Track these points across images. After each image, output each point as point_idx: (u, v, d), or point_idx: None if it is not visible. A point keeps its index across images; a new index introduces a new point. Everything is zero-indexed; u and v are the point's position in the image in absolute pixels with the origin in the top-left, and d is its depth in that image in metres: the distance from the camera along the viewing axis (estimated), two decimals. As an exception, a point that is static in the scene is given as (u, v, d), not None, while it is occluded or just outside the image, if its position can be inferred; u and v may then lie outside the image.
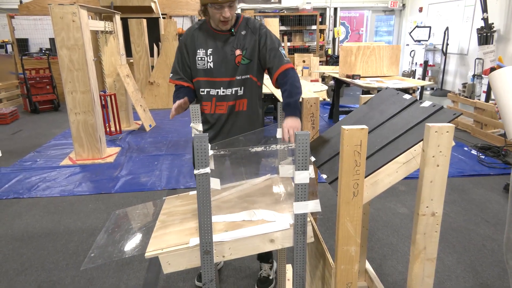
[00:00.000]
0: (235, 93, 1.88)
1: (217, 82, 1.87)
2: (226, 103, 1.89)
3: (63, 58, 4.01)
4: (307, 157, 1.26)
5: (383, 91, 1.82)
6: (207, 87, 1.89)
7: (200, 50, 1.87)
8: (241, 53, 1.83)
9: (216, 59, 1.85)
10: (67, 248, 2.62)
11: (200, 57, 1.87)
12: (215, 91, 1.89)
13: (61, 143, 5.15)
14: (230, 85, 1.87)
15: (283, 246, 1.41)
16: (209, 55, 1.86)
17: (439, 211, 1.31)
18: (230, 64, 1.85)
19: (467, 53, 8.22)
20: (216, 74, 1.86)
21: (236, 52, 1.84)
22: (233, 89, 1.88)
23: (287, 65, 1.83)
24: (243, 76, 1.87)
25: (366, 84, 4.62)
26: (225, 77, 1.86)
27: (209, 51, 1.86)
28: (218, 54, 1.85)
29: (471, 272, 2.34)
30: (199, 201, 1.29)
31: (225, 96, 1.89)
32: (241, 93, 1.89)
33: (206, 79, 1.88)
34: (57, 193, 3.51)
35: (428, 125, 1.22)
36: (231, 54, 1.84)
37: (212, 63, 1.86)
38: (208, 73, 1.87)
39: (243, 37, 1.85)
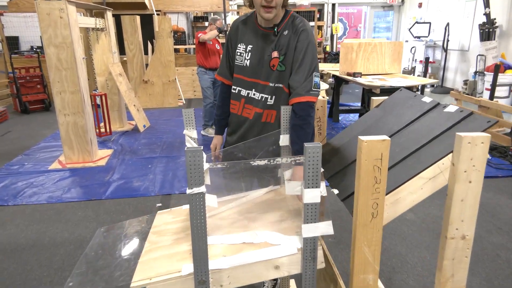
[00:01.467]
0: (264, 100, 1.69)
1: (250, 83, 1.71)
2: (253, 108, 1.71)
3: (50, 57, 3.80)
4: (318, 173, 1.08)
5: (397, 92, 1.64)
6: (239, 86, 1.74)
7: (241, 45, 1.70)
8: (278, 57, 1.63)
9: (254, 57, 1.67)
10: (51, 263, 2.43)
11: (240, 53, 1.71)
12: (246, 92, 1.72)
13: (51, 145, 4.94)
14: (262, 89, 1.68)
15: (289, 273, 1.23)
16: (248, 52, 1.68)
17: (470, 234, 1.14)
18: (265, 66, 1.66)
19: (468, 49, 8.07)
20: (250, 74, 1.70)
21: (273, 54, 1.64)
22: (263, 95, 1.68)
23: (310, 97, 1.56)
24: (276, 84, 1.66)
25: (368, 83, 4.45)
26: (259, 79, 1.68)
27: (249, 48, 1.68)
28: (257, 52, 1.67)
29: (487, 285, 2.18)
30: (193, 225, 1.11)
31: (253, 99, 1.71)
32: (271, 102, 1.69)
33: (240, 76, 1.73)
34: (44, 200, 3.31)
35: (460, 135, 1.04)
36: (268, 55, 1.65)
37: (249, 61, 1.69)
38: (244, 70, 1.71)
39: (284, 38, 1.63)
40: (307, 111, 1.55)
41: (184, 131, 1.59)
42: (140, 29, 7.08)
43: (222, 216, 1.49)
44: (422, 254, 2.48)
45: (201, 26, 9.79)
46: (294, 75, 1.60)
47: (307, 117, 1.55)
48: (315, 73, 1.59)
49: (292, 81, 1.61)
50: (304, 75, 1.57)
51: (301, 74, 1.58)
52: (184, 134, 1.58)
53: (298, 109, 1.56)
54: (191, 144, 1.55)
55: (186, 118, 1.58)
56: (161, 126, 5.87)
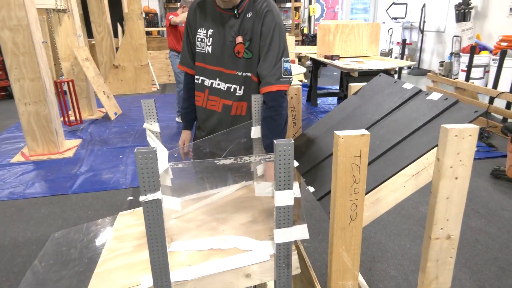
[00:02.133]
0: (233, 91, 1.53)
1: (214, 71, 1.54)
2: (220, 100, 1.55)
3: (5, 41, 3.49)
4: (291, 173, 0.96)
5: (376, 78, 1.53)
6: (202, 75, 1.57)
7: (201, 30, 1.53)
8: (243, 42, 1.47)
9: (216, 43, 1.50)
10: (12, 266, 2.25)
11: (200, 38, 1.53)
12: (209, 82, 1.56)
13: (13, 136, 4.64)
14: (228, 79, 1.52)
15: (262, 281, 1.12)
16: (209, 37, 1.51)
17: (456, 233, 1.05)
18: (227, 53, 1.49)
19: (444, 30, 8.07)
20: (212, 61, 1.53)
21: (237, 40, 1.47)
22: (230, 86, 1.52)
23: (281, 86, 1.42)
24: (244, 73, 1.50)
25: (346, 66, 4.34)
26: (222, 67, 1.52)
27: (210, 32, 1.51)
28: (219, 37, 1.49)
29: (467, 272, 2.15)
30: (149, 236, 0.97)
31: (219, 90, 1.55)
32: (240, 93, 1.53)
33: (202, 65, 1.56)
34: (5, 197, 3.08)
35: (446, 127, 0.94)
36: (231, 40, 1.48)
37: (210, 47, 1.51)
38: (206, 58, 1.54)
39: (248, 21, 1.45)
40: (278, 101, 1.41)
41: (145, 124, 1.43)
42: (108, 10, 6.70)
43: (189, 217, 1.36)
44: (403, 242, 2.43)
45: (174, 7, 9.41)
46: (262, 62, 1.45)
47: (278, 108, 1.41)
48: (284, 58, 1.43)
49: (260, 69, 1.46)
50: (272, 61, 1.42)
51: (269, 61, 1.43)
52: (145, 127, 1.42)
53: (268, 99, 1.41)
54: (152, 139, 1.39)
55: (146, 110, 1.41)
56: (134, 113, 5.62)
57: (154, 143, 1.42)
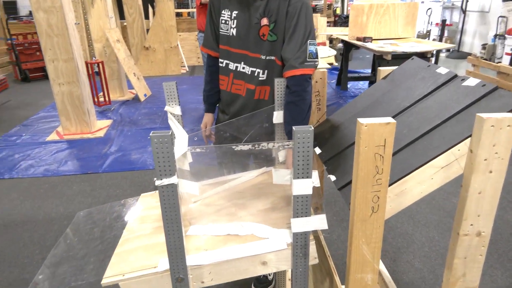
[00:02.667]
0: (256, 75, 1.49)
1: (239, 55, 1.50)
2: (245, 84, 1.53)
3: (40, 23, 3.59)
4: (310, 161, 0.92)
5: (408, 62, 1.44)
6: (226, 58, 1.54)
7: (225, 11, 1.49)
8: (268, 24, 1.42)
9: (241, 25, 1.46)
10: (44, 239, 2.37)
11: (224, 20, 1.50)
12: (234, 65, 1.53)
13: (50, 115, 4.83)
14: (253, 63, 1.48)
15: (278, 270, 1.11)
16: (233, 19, 1.47)
17: (487, 230, 0.98)
18: (253, 36, 1.45)
19: (489, 10, 7.54)
20: (238, 45, 1.49)
21: (262, 22, 1.42)
22: (255, 69, 1.48)
23: (305, 69, 1.36)
24: (268, 57, 1.45)
25: (379, 48, 4.16)
26: (247, 50, 1.48)
27: (234, 14, 1.46)
28: (243, 19, 1.45)
29: (499, 268, 2.05)
30: (165, 220, 0.97)
31: (244, 74, 1.52)
32: (263, 77, 1.49)
33: (226, 48, 1.53)
34: (40, 173, 3.23)
35: (481, 116, 0.86)
36: (256, 22, 1.43)
37: (235, 29, 1.47)
38: (230, 41, 1.50)
39: (273, 2, 1.39)
40: (302, 85, 1.35)
41: (166, 107, 1.42)
42: (139, -9, 6.74)
43: (208, 202, 1.36)
44: (431, 234, 2.34)
45: (205, -12, 9.32)
46: (286, 44, 1.39)
47: (302, 93, 1.35)
48: (310, 41, 1.37)
49: (284, 52, 1.40)
50: (297, 44, 1.36)
51: (294, 43, 1.37)
52: (166, 110, 1.41)
53: (292, 83, 1.36)
54: (173, 122, 1.39)
55: (167, 92, 1.40)
56: (163, 95, 5.63)
57: (175, 126, 1.41)
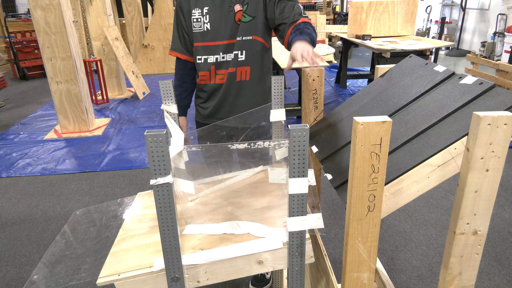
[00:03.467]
0: (235, 57, 1.56)
1: (216, 46, 1.56)
2: (226, 71, 1.58)
3: (38, 20, 3.58)
4: (306, 160, 0.92)
5: (406, 60, 1.43)
6: (204, 54, 1.58)
7: (195, 10, 1.54)
8: (242, 9, 1.52)
9: (214, 18, 1.53)
10: (42, 238, 2.36)
11: (196, 18, 1.55)
12: (214, 58, 1.57)
13: (48, 113, 4.82)
14: (230, 48, 1.55)
15: (274, 269, 1.10)
16: (205, 15, 1.53)
17: (483, 229, 0.98)
18: (229, 23, 1.52)
19: (489, 8, 7.53)
20: (214, 37, 1.54)
21: (236, 8, 1.51)
22: (233, 53, 1.55)
23: (304, 18, 1.46)
24: (244, 38, 1.54)
25: (378, 46, 4.15)
26: (224, 39, 1.54)
27: (205, 10, 1.53)
28: (216, 12, 1.52)
29: (496, 266, 2.05)
30: (160, 220, 0.96)
31: (224, 62, 1.57)
32: (242, 58, 1.56)
33: (202, 44, 1.57)
34: (38, 172, 3.22)
35: (478, 114, 0.85)
36: (230, 10, 1.51)
37: (208, 23, 1.53)
38: (205, 36, 1.55)
39: None
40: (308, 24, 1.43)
41: (162, 105, 1.41)
42: (138, -11, 6.72)
43: (205, 200, 1.35)
44: (429, 232, 2.34)
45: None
46: (278, 12, 1.48)
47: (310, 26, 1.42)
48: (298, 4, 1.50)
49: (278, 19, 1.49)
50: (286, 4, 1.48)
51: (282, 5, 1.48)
52: (162, 109, 1.41)
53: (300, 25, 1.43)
54: (169, 121, 1.38)
55: (163, 91, 1.40)
56: (162, 93, 5.67)
57: (171, 125, 1.41)
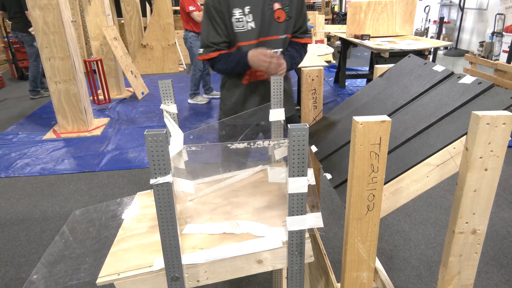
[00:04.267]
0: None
1: (257, 45, 1.61)
2: None
3: (36, 20, 3.57)
4: (305, 159, 0.92)
5: (405, 59, 1.43)
6: None
7: (235, 10, 1.56)
8: (281, 7, 1.61)
9: (257, 16, 1.57)
10: (41, 239, 2.36)
11: (237, 18, 1.57)
12: None
13: (46, 113, 4.81)
14: (272, 45, 1.63)
15: (274, 268, 1.10)
16: (247, 14, 1.56)
17: (482, 228, 0.98)
18: (269, 20, 1.59)
19: (487, 8, 7.55)
20: (257, 35, 1.60)
21: (274, 6, 1.58)
22: (276, 51, 1.64)
23: (307, 39, 1.72)
24: (283, 36, 1.66)
25: (377, 46, 4.15)
26: (267, 36, 1.62)
27: (247, 9, 1.56)
28: (258, 10, 1.57)
29: (495, 265, 2.05)
30: (160, 219, 0.96)
31: None
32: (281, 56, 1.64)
33: (246, 43, 1.60)
34: (37, 172, 3.22)
35: (477, 113, 0.86)
36: (269, 8, 1.58)
37: (253, 22, 1.58)
38: (250, 35, 1.59)
39: None
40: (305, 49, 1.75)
41: (162, 105, 1.41)
42: (136, -11, 6.71)
43: (204, 200, 1.35)
44: (428, 231, 2.35)
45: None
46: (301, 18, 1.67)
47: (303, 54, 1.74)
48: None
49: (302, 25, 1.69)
50: (304, 20, 1.68)
51: (304, 17, 1.69)
52: (162, 108, 1.41)
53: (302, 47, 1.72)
54: (169, 121, 1.38)
55: (163, 91, 1.40)
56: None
57: (171, 124, 1.41)
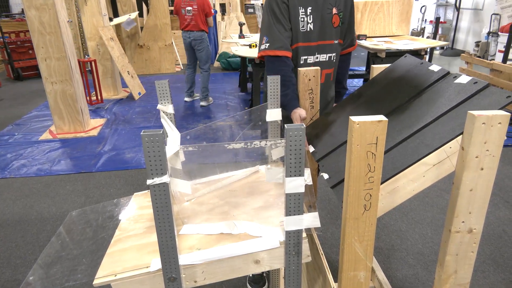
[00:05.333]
0: (330, 59, 1.66)
1: (315, 47, 1.62)
2: (323, 71, 1.64)
3: (32, 20, 3.56)
4: (302, 159, 0.92)
5: (401, 59, 1.44)
6: (305, 54, 1.62)
7: (300, 9, 1.56)
8: (337, 13, 1.62)
9: (317, 19, 1.58)
10: (37, 240, 2.35)
11: (301, 18, 1.57)
12: (313, 59, 1.64)
13: (43, 114, 4.79)
14: (327, 49, 1.64)
15: (271, 268, 1.10)
16: (309, 15, 1.57)
17: (478, 227, 0.98)
18: (328, 25, 1.60)
19: (483, 8, 7.58)
20: (316, 37, 1.60)
21: (333, 11, 1.59)
22: (331, 55, 1.66)
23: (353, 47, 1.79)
24: (337, 41, 1.67)
25: (373, 46, 4.17)
26: (324, 40, 1.62)
27: (309, 10, 1.56)
28: (318, 13, 1.57)
29: (491, 264, 2.06)
30: (156, 219, 0.96)
31: (321, 63, 1.64)
32: (334, 60, 1.69)
33: (305, 44, 1.60)
34: (33, 173, 3.20)
35: (472, 113, 0.86)
36: (328, 12, 1.58)
37: (312, 24, 1.58)
38: (309, 36, 1.59)
39: None
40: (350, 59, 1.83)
41: (158, 105, 1.41)
42: (133, -11, 6.69)
43: (202, 200, 1.35)
44: (424, 231, 2.35)
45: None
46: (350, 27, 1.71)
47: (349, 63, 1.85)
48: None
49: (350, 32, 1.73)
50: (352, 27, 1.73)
51: (353, 24, 1.73)
52: (158, 109, 1.40)
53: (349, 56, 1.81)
54: (166, 121, 1.38)
55: (160, 91, 1.40)
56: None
57: (168, 125, 1.40)
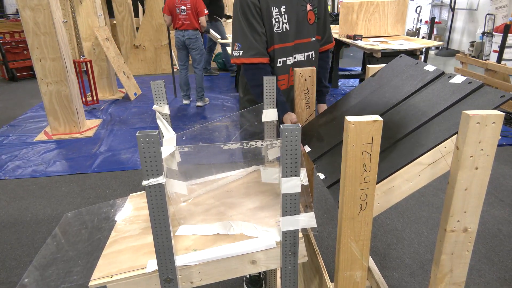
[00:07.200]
0: (311, 58, 1.62)
1: (292, 47, 1.56)
2: None
3: (26, 21, 3.53)
4: (298, 159, 0.92)
5: (396, 59, 1.44)
6: (282, 56, 1.55)
7: (273, 9, 1.49)
8: (312, 9, 1.57)
9: (292, 17, 1.52)
10: (32, 241, 2.33)
11: (275, 18, 1.50)
12: (291, 60, 1.57)
13: (38, 115, 4.76)
14: (305, 48, 1.59)
15: (268, 268, 1.10)
16: (283, 14, 1.50)
17: (473, 226, 0.99)
18: (304, 23, 1.55)
19: (477, 8, 7.63)
20: (292, 37, 1.54)
21: (307, 7, 1.54)
22: (309, 53, 1.61)
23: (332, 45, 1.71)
24: (314, 38, 1.60)
25: (369, 46, 4.18)
26: (300, 38, 1.57)
27: (283, 9, 1.50)
28: (292, 11, 1.52)
29: (487, 263, 2.08)
30: (152, 221, 0.96)
31: (299, 62, 1.60)
32: (313, 58, 1.64)
33: (282, 45, 1.54)
34: (28, 174, 3.18)
35: (467, 113, 0.86)
36: (302, 10, 1.53)
37: (287, 23, 1.51)
38: (284, 37, 1.52)
39: None
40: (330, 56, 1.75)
41: (154, 106, 1.40)
42: (128, -11, 6.67)
43: (198, 201, 1.35)
44: (420, 230, 2.36)
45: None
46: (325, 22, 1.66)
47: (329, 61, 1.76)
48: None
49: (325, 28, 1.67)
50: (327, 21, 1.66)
51: (328, 20, 1.66)
52: (154, 109, 1.40)
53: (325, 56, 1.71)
54: (161, 122, 1.37)
55: (155, 91, 1.39)
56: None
57: (163, 125, 1.40)
